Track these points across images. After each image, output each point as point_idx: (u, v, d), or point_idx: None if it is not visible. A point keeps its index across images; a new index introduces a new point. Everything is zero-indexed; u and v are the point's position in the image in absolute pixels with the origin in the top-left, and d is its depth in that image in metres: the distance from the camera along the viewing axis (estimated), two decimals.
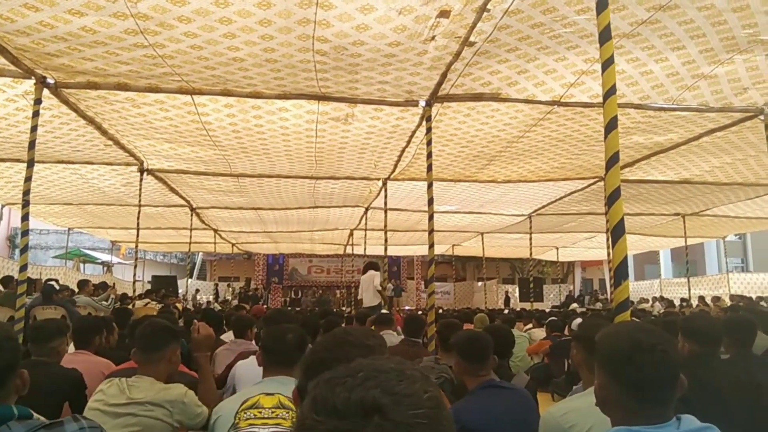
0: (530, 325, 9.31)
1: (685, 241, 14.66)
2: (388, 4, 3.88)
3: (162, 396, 2.57)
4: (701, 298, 16.55)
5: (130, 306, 9.64)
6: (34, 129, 5.34)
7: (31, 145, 5.34)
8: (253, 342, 4.78)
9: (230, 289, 26.23)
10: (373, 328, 6.73)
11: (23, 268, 5.27)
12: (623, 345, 1.58)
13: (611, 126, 2.60)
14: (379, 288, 9.64)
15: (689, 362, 2.72)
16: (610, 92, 2.62)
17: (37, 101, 5.35)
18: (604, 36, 2.64)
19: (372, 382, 0.77)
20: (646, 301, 19.60)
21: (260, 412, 2.13)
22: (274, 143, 7.24)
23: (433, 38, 4.42)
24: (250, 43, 4.46)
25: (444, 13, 4.08)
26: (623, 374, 1.57)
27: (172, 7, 3.93)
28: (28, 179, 5.33)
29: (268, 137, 6.99)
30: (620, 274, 2.57)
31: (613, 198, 2.57)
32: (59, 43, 4.47)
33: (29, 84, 5.43)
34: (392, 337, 5.71)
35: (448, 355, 3.84)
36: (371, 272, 10.39)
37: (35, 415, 1.57)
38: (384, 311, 8.29)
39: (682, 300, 16.85)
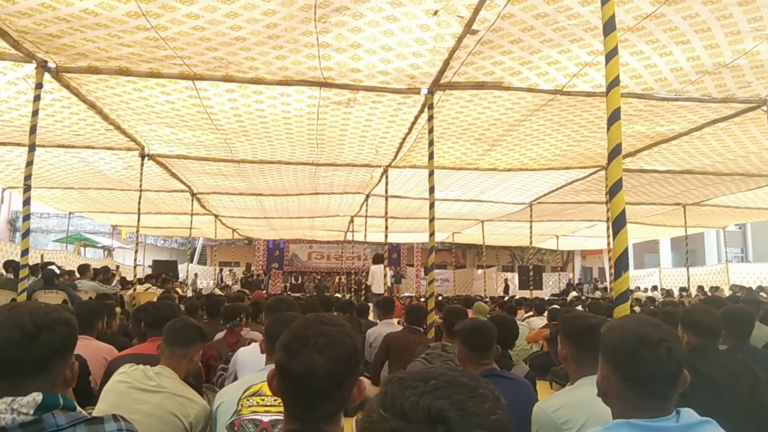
0: (530, 313, 9.34)
1: (686, 231, 14.67)
2: None
3: (189, 407, 2.57)
4: (700, 288, 16.59)
5: (131, 290, 9.67)
6: (35, 113, 5.33)
7: (33, 129, 5.34)
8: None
9: (231, 274, 26.31)
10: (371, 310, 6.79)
11: (25, 252, 5.29)
12: (629, 339, 1.59)
13: (614, 118, 2.60)
14: (387, 283, 10.99)
15: (688, 354, 2.74)
16: (613, 83, 2.61)
17: (38, 85, 5.33)
18: (609, 27, 2.63)
19: (442, 392, 0.79)
20: (644, 290, 19.64)
21: (263, 400, 2.15)
22: (276, 127, 7.21)
23: (435, 13, 4.36)
24: (252, 20, 4.40)
25: None
26: (627, 368, 1.58)
27: None
28: (29, 164, 5.32)
29: (269, 120, 6.96)
30: (621, 265, 2.59)
31: (614, 190, 2.57)
32: (61, 23, 4.43)
33: (30, 68, 5.41)
34: (392, 327, 5.74)
35: (454, 341, 3.86)
36: (380, 266, 11.84)
37: (78, 407, 1.57)
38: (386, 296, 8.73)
39: (681, 289, 16.90)
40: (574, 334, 2.40)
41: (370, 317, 9.18)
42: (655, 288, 19.54)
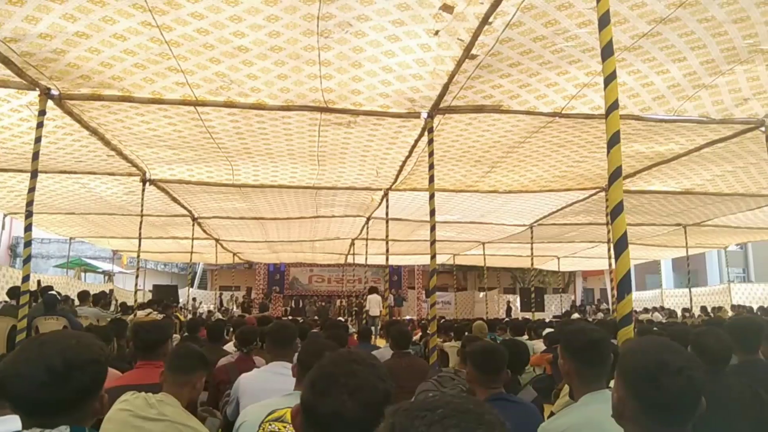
0: (525, 337, 9.19)
1: (687, 252, 14.64)
2: None
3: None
4: (703, 309, 16.50)
5: (132, 316, 9.62)
6: (38, 140, 5.37)
7: (35, 156, 5.36)
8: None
9: (233, 298, 26.26)
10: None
11: (26, 278, 5.28)
12: (650, 365, 1.55)
13: (614, 141, 2.61)
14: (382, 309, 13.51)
15: None
16: (612, 107, 2.63)
17: (41, 113, 5.37)
18: (607, 51, 2.66)
19: (450, 421, 0.78)
20: (646, 311, 19.53)
21: (285, 427, 2.11)
22: (277, 143, 7.18)
23: (436, 33, 4.41)
24: (255, 27, 4.36)
25: (447, 8, 4.08)
26: (646, 394, 1.54)
27: None
28: (31, 190, 5.34)
29: (271, 137, 6.93)
30: (623, 287, 2.58)
31: (616, 212, 2.57)
32: (66, 30, 4.33)
33: (33, 95, 5.45)
34: (385, 351, 5.69)
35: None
36: (376, 295, 16.39)
37: None
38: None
39: (684, 310, 16.81)
40: (578, 350, 2.35)
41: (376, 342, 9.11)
42: (656, 309, 19.44)
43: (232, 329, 8.75)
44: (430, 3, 4.06)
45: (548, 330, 8.56)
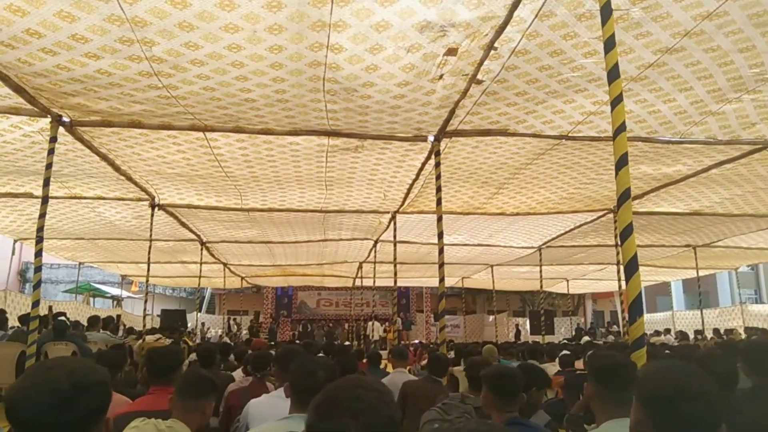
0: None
1: (697, 273, 14.51)
2: (397, 42, 3.95)
3: None
4: (716, 331, 16.29)
5: (140, 341, 9.61)
6: (48, 166, 5.42)
7: (46, 182, 5.42)
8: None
9: (236, 323, 26.17)
10: (388, 362, 6.71)
11: (35, 304, 5.30)
12: (668, 389, 1.54)
13: (622, 162, 2.62)
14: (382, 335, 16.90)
15: None
16: (619, 129, 2.64)
17: (53, 139, 5.45)
18: (613, 74, 2.68)
19: None
20: (658, 334, 19.30)
21: None
22: (285, 169, 7.25)
23: (441, 77, 4.49)
24: (261, 85, 4.54)
25: (451, 51, 4.15)
26: (665, 418, 1.53)
27: (186, 51, 4.02)
28: (42, 215, 5.38)
29: (279, 164, 7.00)
30: (635, 310, 2.56)
31: (625, 234, 2.56)
32: (75, 84, 4.56)
33: (45, 122, 5.53)
34: (405, 375, 5.65)
35: (476, 393, 3.76)
36: (377, 323, 20.49)
37: None
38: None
39: (696, 332, 16.61)
40: (598, 372, 2.38)
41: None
42: (668, 331, 19.20)
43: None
44: (434, 54, 4.14)
45: (564, 352, 8.46)
